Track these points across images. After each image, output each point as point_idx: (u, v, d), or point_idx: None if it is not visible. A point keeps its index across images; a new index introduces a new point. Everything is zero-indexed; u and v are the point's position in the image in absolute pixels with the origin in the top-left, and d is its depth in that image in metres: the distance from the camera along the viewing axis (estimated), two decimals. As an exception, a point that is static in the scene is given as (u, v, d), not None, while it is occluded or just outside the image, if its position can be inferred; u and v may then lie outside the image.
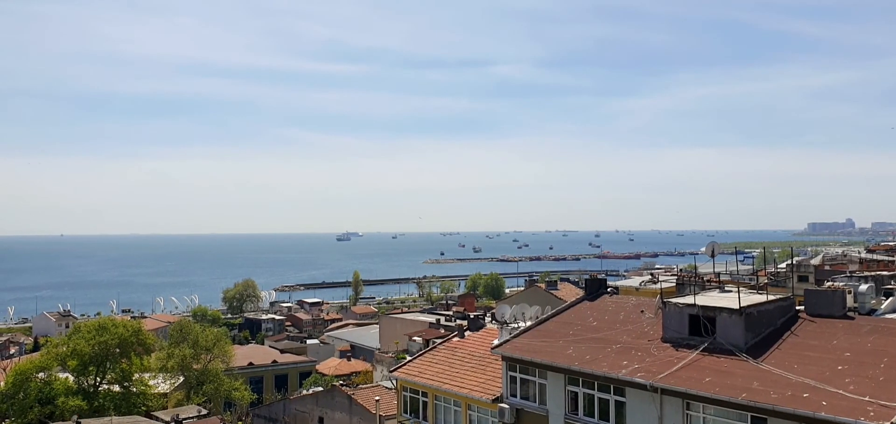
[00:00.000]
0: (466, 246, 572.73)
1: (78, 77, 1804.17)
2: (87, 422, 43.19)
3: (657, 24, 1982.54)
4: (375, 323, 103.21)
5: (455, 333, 43.50)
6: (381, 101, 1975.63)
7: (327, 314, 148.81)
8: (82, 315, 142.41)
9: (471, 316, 52.32)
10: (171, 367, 59.50)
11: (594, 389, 28.20)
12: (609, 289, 37.78)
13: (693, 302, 28.15)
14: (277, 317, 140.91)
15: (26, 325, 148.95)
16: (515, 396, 31.89)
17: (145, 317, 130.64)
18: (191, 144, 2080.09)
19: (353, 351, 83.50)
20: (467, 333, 42.15)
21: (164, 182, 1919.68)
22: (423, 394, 37.58)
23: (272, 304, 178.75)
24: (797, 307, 28.22)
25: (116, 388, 51.61)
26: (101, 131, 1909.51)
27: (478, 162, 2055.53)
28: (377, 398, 44.87)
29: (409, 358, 43.89)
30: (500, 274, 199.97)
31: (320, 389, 58.68)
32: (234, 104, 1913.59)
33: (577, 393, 28.98)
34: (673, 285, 35.04)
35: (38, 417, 47.30)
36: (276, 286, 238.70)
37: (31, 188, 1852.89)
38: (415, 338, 63.93)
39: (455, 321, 67.23)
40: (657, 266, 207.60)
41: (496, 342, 35.31)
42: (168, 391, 56.89)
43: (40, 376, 49.48)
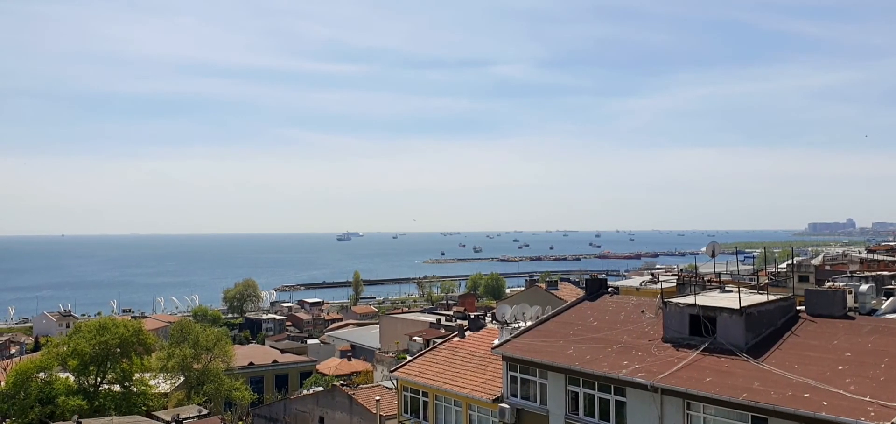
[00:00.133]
0: (467, 246, 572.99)
1: (78, 77, 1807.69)
2: (88, 422, 43.25)
3: (657, 24, 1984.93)
4: (376, 323, 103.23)
5: (455, 333, 43.49)
6: (382, 101, 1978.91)
7: (328, 314, 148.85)
8: (83, 315, 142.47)
9: (471, 316, 52.32)
10: (171, 367, 59.59)
11: (595, 389, 28.20)
12: (609, 289, 37.76)
13: (693, 302, 28.14)
14: (278, 317, 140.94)
15: (27, 325, 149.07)
16: (516, 396, 31.88)
17: (146, 317, 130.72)
18: (191, 144, 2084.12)
19: (354, 351, 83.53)
20: (468, 333, 42.15)
21: (165, 182, 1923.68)
22: (424, 394, 37.58)
23: (273, 304, 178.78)
24: (798, 308, 28.20)
25: (117, 388, 51.67)
26: (101, 131, 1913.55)
27: (478, 162, 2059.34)
28: (378, 398, 44.89)
29: (409, 358, 43.88)
30: (501, 274, 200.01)
31: (321, 389, 58.72)
32: (234, 104, 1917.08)
33: (577, 393, 28.98)
34: (673, 285, 35.00)
35: (38, 417, 47.34)
36: (277, 286, 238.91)
37: (32, 188, 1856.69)
38: (415, 338, 63.94)
39: (455, 321, 67.24)
40: (658, 266, 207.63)
41: (497, 342, 35.31)
42: (168, 390, 56.96)
43: (41, 376, 49.54)
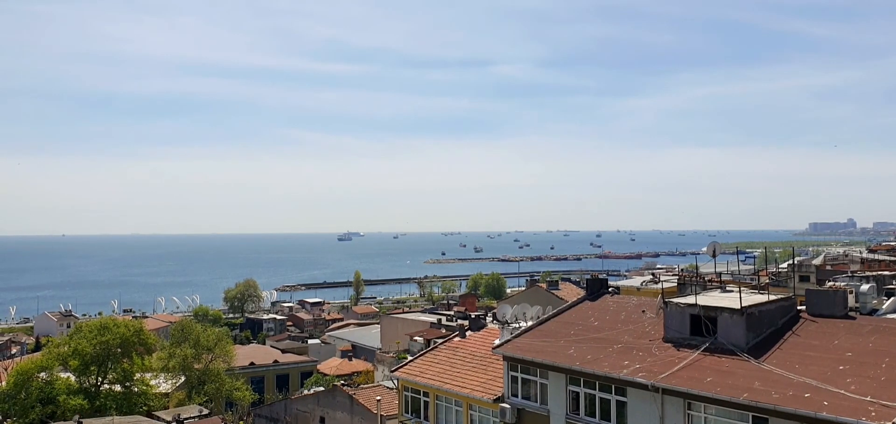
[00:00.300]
0: (468, 246, 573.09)
1: (79, 77, 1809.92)
2: (89, 422, 43.22)
3: (658, 24, 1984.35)
4: (377, 323, 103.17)
5: (456, 333, 43.52)
6: (383, 101, 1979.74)
7: (328, 313, 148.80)
8: (84, 315, 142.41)
9: (472, 316, 52.35)
10: (172, 367, 59.54)
11: (595, 389, 28.21)
12: (610, 289, 37.76)
13: (694, 302, 28.15)
14: (279, 317, 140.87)
15: (28, 325, 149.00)
16: (517, 396, 31.89)
17: (147, 317, 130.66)
18: (192, 144, 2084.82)
19: (355, 351, 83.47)
20: (468, 333, 42.17)
21: (166, 182, 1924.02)
22: (425, 394, 37.59)
23: (273, 304, 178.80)
24: (798, 307, 28.20)
25: (118, 388, 51.61)
26: (102, 131, 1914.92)
27: (479, 162, 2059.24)
28: (378, 398, 44.91)
29: (410, 358, 43.89)
30: (502, 274, 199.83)
31: (321, 389, 58.72)
32: (235, 104, 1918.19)
33: (578, 393, 28.99)
34: (674, 285, 35.04)
35: (39, 417, 47.30)
36: (278, 285, 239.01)
37: (32, 188, 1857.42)
38: (416, 338, 63.92)
39: (456, 320, 67.24)
40: (658, 266, 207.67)
41: (497, 341, 35.32)
42: (169, 390, 56.90)
43: (42, 376, 49.46)
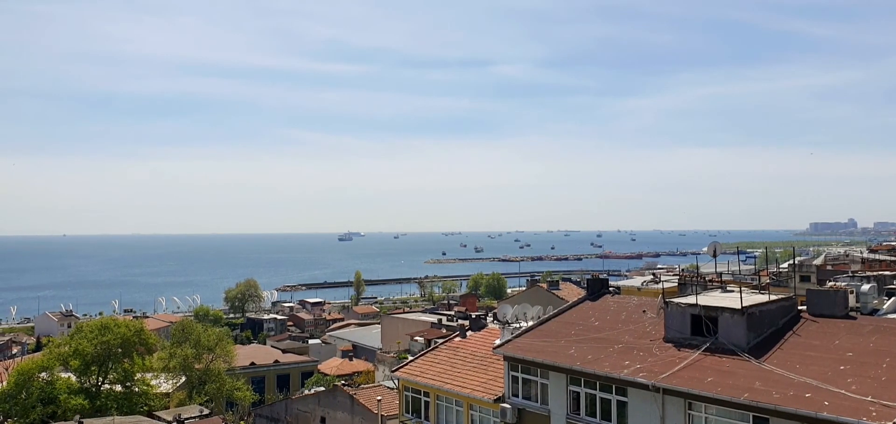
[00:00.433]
0: (468, 246, 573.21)
1: (79, 77, 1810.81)
2: (90, 422, 43.30)
3: (659, 24, 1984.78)
4: (377, 323, 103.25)
5: (457, 333, 43.51)
6: (383, 101, 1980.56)
7: (329, 313, 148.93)
8: (84, 315, 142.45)
9: (472, 316, 52.41)
10: (173, 367, 59.61)
11: (596, 389, 28.20)
12: (611, 289, 37.74)
13: (695, 302, 28.13)
14: (279, 317, 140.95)
15: (29, 325, 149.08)
16: (517, 396, 31.89)
17: (147, 317, 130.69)
18: (192, 144, 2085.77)
19: (355, 351, 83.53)
20: (469, 333, 42.16)
21: (166, 182, 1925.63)
22: (425, 394, 37.59)
23: (274, 304, 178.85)
24: (799, 308, 28.18)
25: (119, 388, 51.68)
26: (102, 131, 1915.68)
27: (479, 162, 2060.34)
28: (379, 398, 44.89)
29: (410, 358, 43.89)
30: (502, 274, 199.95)
31: (322, 389, 58.74)
32: (235, 104, 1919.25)
33: (578, 393, 28.98)
34: (675, 285, 34.94)
35: (40, 417, 47.35)
36: (278, 285, 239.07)
37: (33, 188, 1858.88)
38: (416, 338, 63.99)
39: (457, 320, 67.32)
40: (659, 266, 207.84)
41: (498, 342, 35.31)
42: (170, 390, 56.95)
43: (43, 376, 49.53)
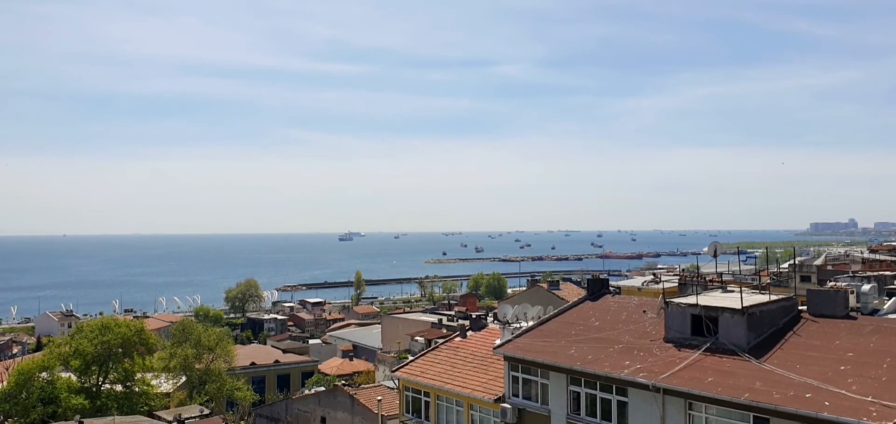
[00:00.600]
0: (468, 246, 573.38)
1: (80, 77, 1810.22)
2: (90, 422, 43.27)
3: (659, 23, 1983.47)
4: (377, 323, 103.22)
5: (457, 333, 43.52)
6: (383, 101, 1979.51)
7: (329, 313, 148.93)
8: (85, 315, 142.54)
9: (473, 316, 52.39)
10: (173, 367, 59.60)
11: (596, 389, 28.20)
12: (611, 289, 37.78)
13: (695, 302, 28.13)
14: (280, 317, 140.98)
15: (29, 325, 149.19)
16: (517, 396, 31.89)
17: (148, 317, 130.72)
18: (193, 144, 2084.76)
19: (356, 351, 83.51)
20: (469, 333, 42.17)
21: (166, 182, 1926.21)
22: (426, 394, 37.59)
23: (274, 304, 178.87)
24: (800, 308, 28.18)
25: (119, 388, 51.65)
26: (103, 131, 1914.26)
27: (480, 162, 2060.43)
28: (379, 398, 44.89)
29: (411, 358, 43.89)
30: (502, 274, 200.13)
31: (322, 389, 58.73)
32: (236, 104, 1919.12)
33: (579, 393, 28.98)
34: (675, 285, 34.95)
35: (40, 416, 47.34)
36: (279, 285, 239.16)
37: (33, 188, 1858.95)
38: (417, 338, 63.94)
39: (457, 320, 67.26)
40: (659, 266, 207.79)
41: (498, 342, 35.30)
42: (170, 390, 56.93)
43: (43, 375, 49.51)
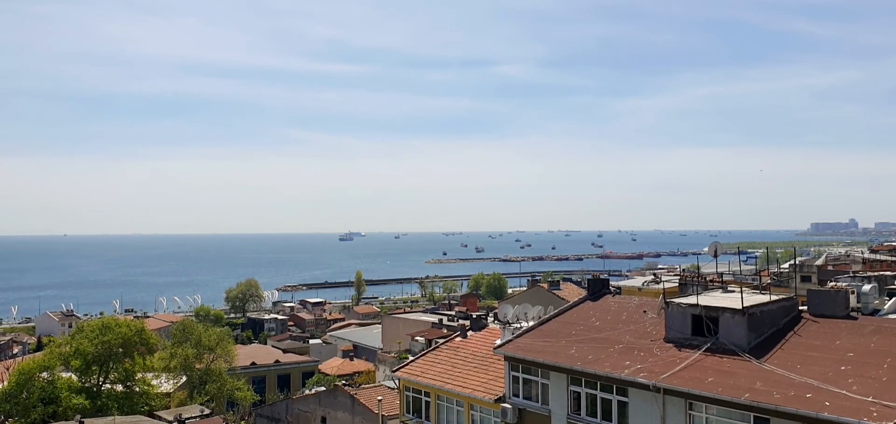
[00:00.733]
0: (469, 246, 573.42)
1: (80, 77, 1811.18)
2: (91, 422, 43.23)
3: (659, 23, 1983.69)
4: (378, 323, 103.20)
5: (457, 333, 43.52)
6: (384, 101, 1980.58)
7: (330, 313, 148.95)
8: (85, 315, 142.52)
9: (473, 316, 52.39)
10: (173, 367, 59.57)
11: (597, 389, 28.20)
12: (611, 289, 37.77)
13: (696, 302, 28.12)
14: (280, 317, 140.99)
15: (29, 325, 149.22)
16: (518, 396, 31.89)
17: (148, 317, 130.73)
18: (193, 144, 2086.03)
19: (356, 351, 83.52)
20: (470, 333, 42.17)
21: (167, 182, 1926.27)
22: (426, 394, 37.60)
23: (275, 304, 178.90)
24: (800, 308, 28.17)
25: (119, 388, 51.61)
26: (103, 131, 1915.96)
27: (480, 162, 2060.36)
28: (380, 398, 44.90)
29: (411, 358, 43.89)
30: (503, 274, 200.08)
31: (323, 389, 58.75)
32: (236, 104, 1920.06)
33: (579, 393, 28.97)
34: (676, 285, 34.95)
35: (41, 416, 47.33)
36: (279, 285, 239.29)
37: (34, 188, 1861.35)
38: (417, 338, 63.93)
39: (457, 321, 67.23)
40: (660, 266, 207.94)
41: (499, 342, 35.30)
42: (171, 390, 56.90)
43: (43, 375, 49.48)
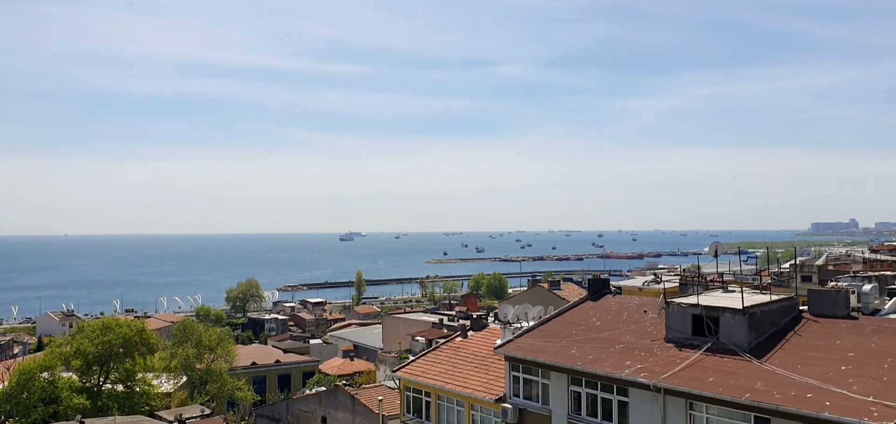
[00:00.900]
0: (469, 246, 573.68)
1: (81, 77, 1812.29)
2: (91, 422, 43.27)
3: (660, 23, 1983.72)
4: (378, 323, 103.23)
5: (458, 333, 43.51)
6: (384, 101, 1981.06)
7: (330, 313, 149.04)
8: (86, 315, 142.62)
9: (474, 316, 52.39)
10: (174, 367, 59.61)
11: (597, 389, 28.19)
12: (612, 289, 37.77)
13: (696, 302, 28.11)
14: (280, 317, 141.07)
15: (30, 325, 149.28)
16: (518, 396, 31.88)
17: (149, 317, 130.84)
18: (193, 144, 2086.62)
19: (356, 351, 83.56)
20: (470, 333, 42.17)
21: (167, 182, 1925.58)
22: (427, 394, 37.60)
23: (275, 304, 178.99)
24: (801, 308, 28.16)
25: (120, 388, 51.68)
26: (103, 131, 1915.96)
27: (480, 162, 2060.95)
28: (380, 397, 44.91)
29: (412, 358, 43.89)
30: (503, 274, 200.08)
31: (323, 389, 58.77)
32: (236, 104, 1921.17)
33: (579, 393, 28.96)
34: (676, 285, 34.96)
35: (41, 416, 47.38)
36: (280, 285, 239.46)
37: (34, 188, 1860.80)
38: (418, 338, 63.98)
39: (458, 321, 67.25)
40: (660, 266, 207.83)
41: (499, 342, 35.30)
42: (171, 390, 56.94)
43: (44, 375, 49.53)
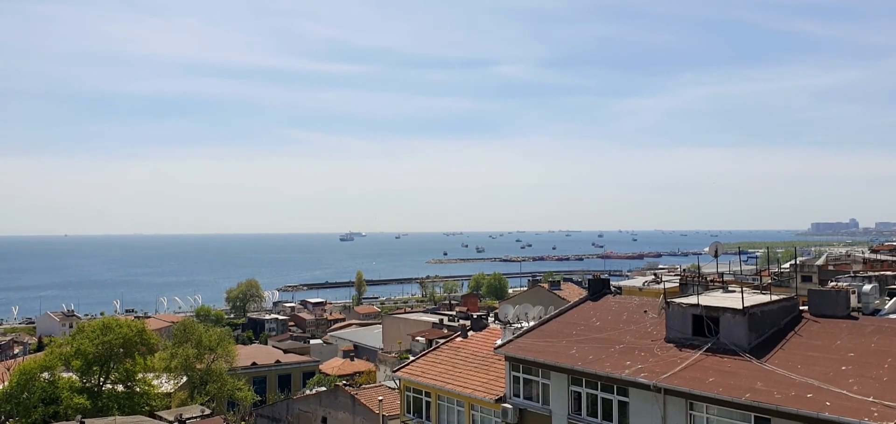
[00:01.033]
0: (469, 246, 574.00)
1: (80, 77, 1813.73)
2: (91, 422, 43.27)
3: (660, 23, 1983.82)
4: (378, 323, 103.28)
5: (458, 333, 43.52)
6: (384, 101, 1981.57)
7: (330, 314, 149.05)
8: (86, 315, 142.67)
9: (474, 316, 52.42)
10: (174, 367, 59.61)
11: (597, 389, 28.19)
12: (612, 289, 37.77)
13: (696, 302, 28.11)
14: (281, 317, 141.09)
15: (30, 325, 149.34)
16: (518, 396, 31.88)
17: (149, 317, 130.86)
18: (194, 144, 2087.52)
19: (357, 351, 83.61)
20: (470, 333, 42.18)
21: (168, 182, 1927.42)
22: (427, 394, 37.61)
23: (275, 304, 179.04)
24: (801, 308, 28.15)
25: (120, 388, 51.70)
26: (104, 131, 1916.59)
27: (480, 162, 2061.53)
28: (380, 398, 44.92)
29: (412, 358, 43.90)
30: (504, 274, 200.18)
31: (323, 389, 58.79)
32: (236, 104, 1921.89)
33: (580, 393, 28.96)
34: (676, 285, 34.94)
35: (42, 416, 47.38)
36: (280, 286, 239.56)
37: (35, 189, 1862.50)
38: (418, 338, 63.97)
39: (458, 321, 67.25)
40: (661, 266, 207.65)
41: (499, 342, 35.31)
42: (171, 390, 56.95)
43: (44, 375, 49.54)
